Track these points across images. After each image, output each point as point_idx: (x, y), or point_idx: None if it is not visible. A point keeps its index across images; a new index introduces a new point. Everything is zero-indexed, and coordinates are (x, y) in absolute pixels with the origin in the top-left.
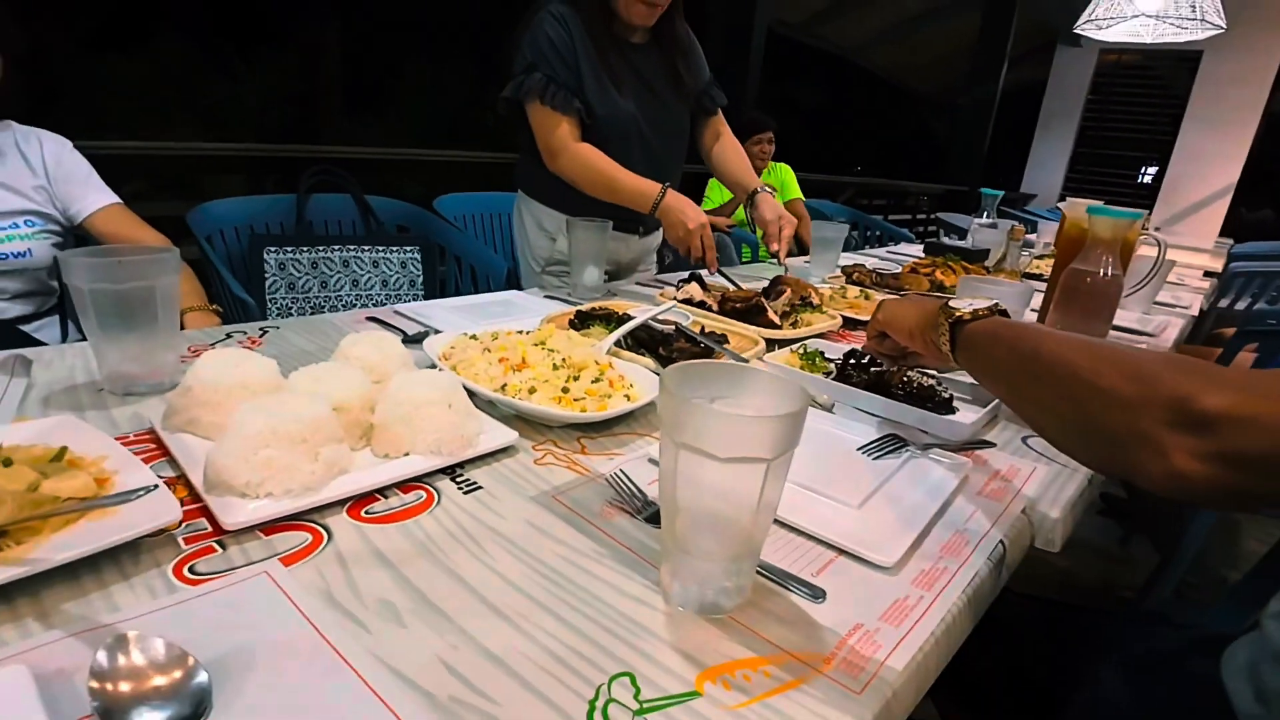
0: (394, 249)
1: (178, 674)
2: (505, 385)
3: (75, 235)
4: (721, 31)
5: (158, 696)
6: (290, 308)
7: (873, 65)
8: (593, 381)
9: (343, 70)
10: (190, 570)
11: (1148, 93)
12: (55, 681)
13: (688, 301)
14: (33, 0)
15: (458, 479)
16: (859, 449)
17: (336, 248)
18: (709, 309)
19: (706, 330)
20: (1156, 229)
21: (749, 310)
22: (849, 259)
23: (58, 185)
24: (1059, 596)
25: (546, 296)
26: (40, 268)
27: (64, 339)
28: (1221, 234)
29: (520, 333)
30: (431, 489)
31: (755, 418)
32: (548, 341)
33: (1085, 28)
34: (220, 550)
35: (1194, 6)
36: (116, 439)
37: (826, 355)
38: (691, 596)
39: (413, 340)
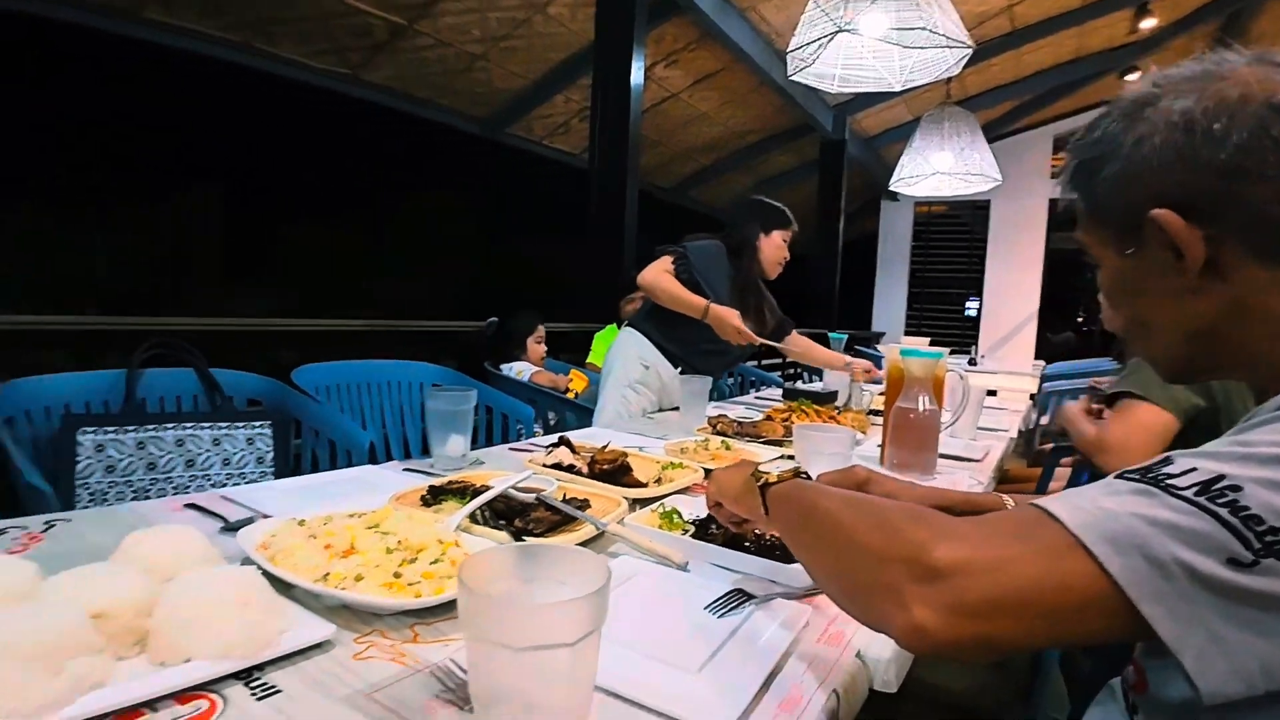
0: (239, 425)
1: None
2: (328, 574)
3: None
4: (598, 199)
5: None
6: (107, 493)
7: None
8: (431, 563)
9: (211, 241)
10: None
11: (957, 237)
12: None
13: (556, 466)
14: None
15: (252, 683)
16: (705, 607)
17: (170, 426)
18: (578, 472)
19: (568, 497)
20: (983, 356)
21: (615, 471)
22: (719, 409)
23: None
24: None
25: (405, 470)
26: None
27: None
28: (1036, 357)
29: (352, 516)
30: (217, 696)
31: (550, 604)
32: (382, 524)
33: (898, 185)
34: None
35: (977, 161)
36: None
37: (683, 514)
38: None
39: (233, 528)
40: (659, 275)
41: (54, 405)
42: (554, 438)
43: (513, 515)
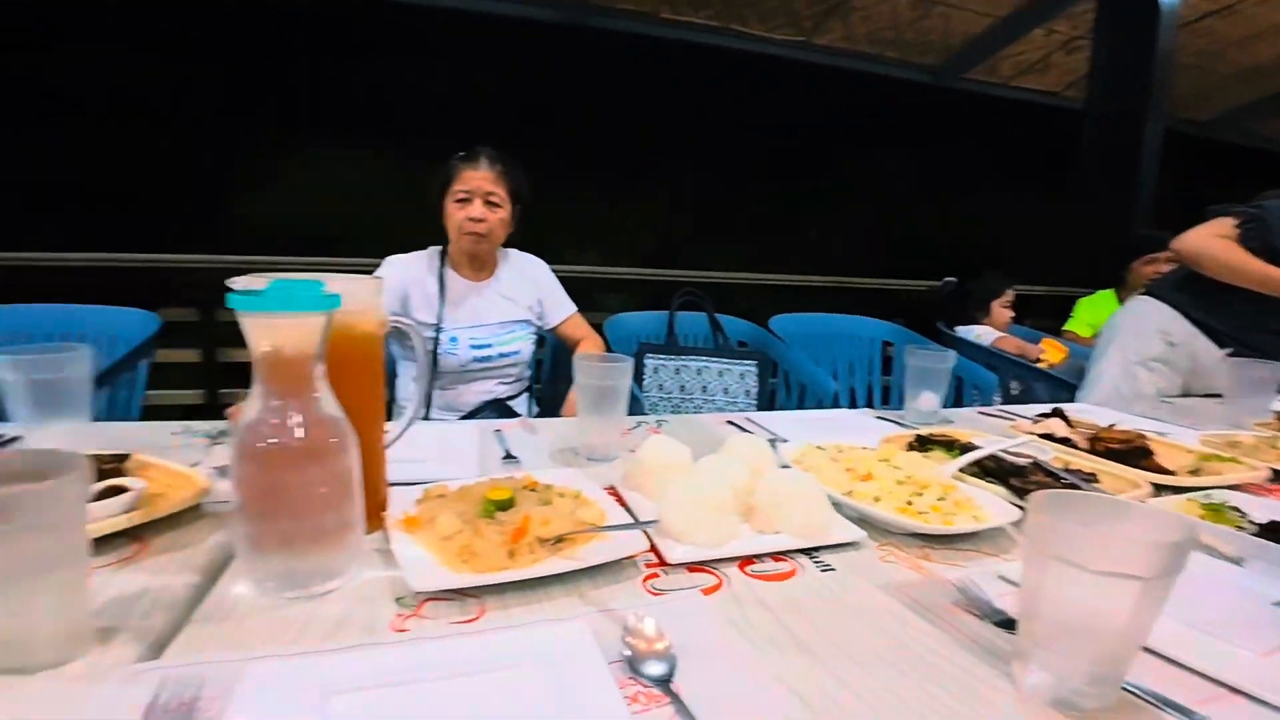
0: (735, 362)
1: (663, 645)
2: (851, 491)
3: (540, 335)
4: (1094, 142)
5: (654, 656)
6: (657, 405)
7: None
8: (937, 499)
9: (695, 206)
10: (651, 585)
11: None
12: (596, 637)
13: (1047, 436)
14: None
15: (815, 559)
16: (1275, 603)
17: (693, 358)
18: (1073, 446)
19: (1070, 468)
20: None
21: (1129, 452)
22: None
23: (543, 297)
24: None
25: (877, 418)
26: (525, 361)
27: (530, 413)
28: None
29: (863, 448)
30: (796, 563)
31: (1137, 538)
32: (891, 459)
33: None
34: (664, 576)
35: None
36: None
37: (1240, 509)
38: (1046, 688)
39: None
40: (1211, 241)
41: (630, 336)
42: (1046, 407)
43: (1004, 474)
